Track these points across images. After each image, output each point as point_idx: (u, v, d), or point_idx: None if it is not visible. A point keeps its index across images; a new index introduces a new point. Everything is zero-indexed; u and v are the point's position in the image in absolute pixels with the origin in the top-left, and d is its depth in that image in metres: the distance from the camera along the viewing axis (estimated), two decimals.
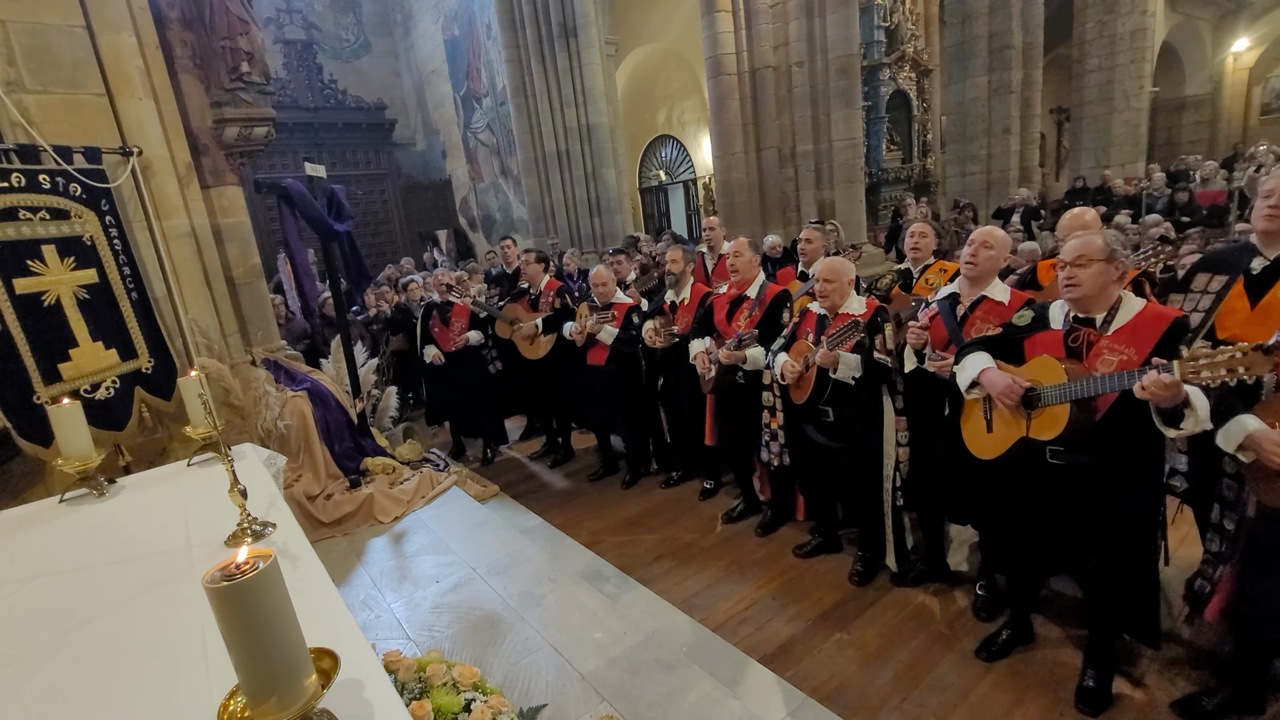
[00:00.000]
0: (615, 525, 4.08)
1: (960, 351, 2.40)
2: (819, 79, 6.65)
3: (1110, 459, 2.06)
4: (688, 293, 4.09)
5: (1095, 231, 2.13)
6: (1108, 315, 2.08)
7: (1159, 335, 1.97)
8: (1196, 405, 1.79)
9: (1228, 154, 12.47)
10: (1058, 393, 2.03)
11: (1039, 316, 2.27)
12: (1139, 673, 2.42)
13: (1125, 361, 1.98)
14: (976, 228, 7.87)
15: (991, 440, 2.27)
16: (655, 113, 14.53)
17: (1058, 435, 2.04)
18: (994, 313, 2.60)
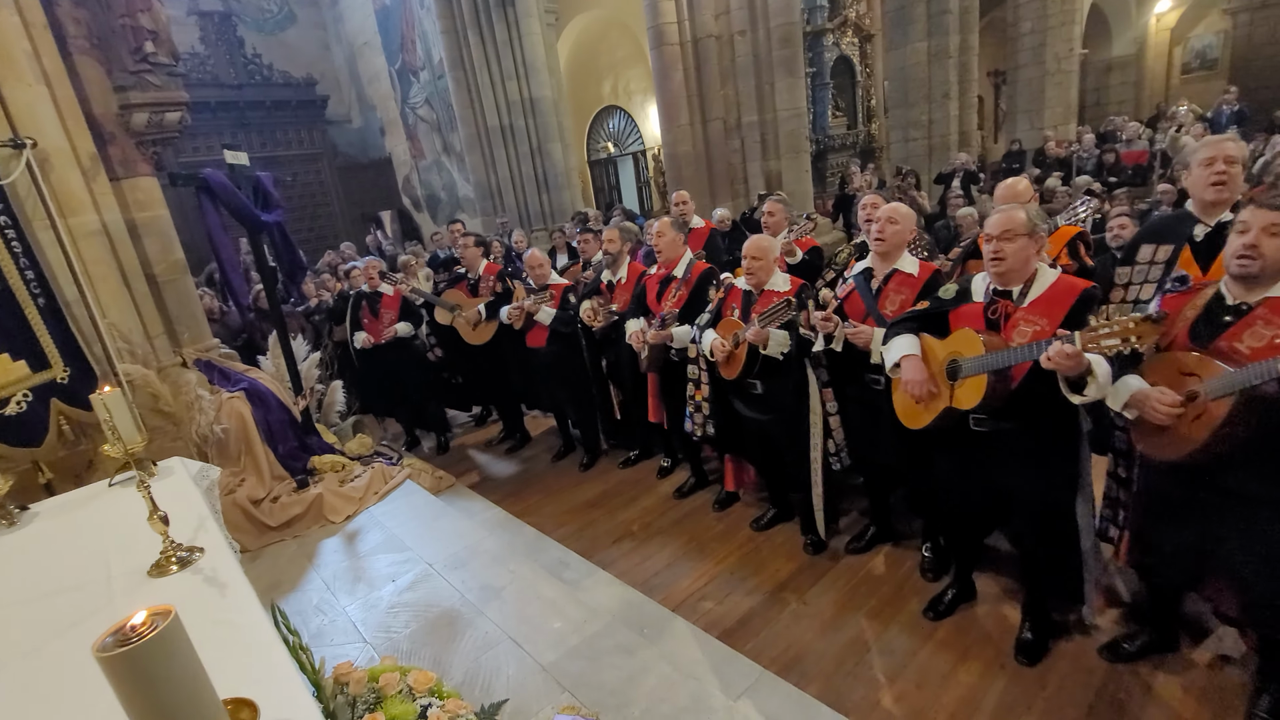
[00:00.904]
0: (575, 509, 4.08)
1: (888, 331, 2.48)
2: (761, 48, 6.58)
3: (1028, 424, 2.17)
4: (624, 272, 4.07)
5: (1018, 206, 2.18)
6: (1024, 288, 2.16)
7: (1070, 306, 2.06)
8: (1099, 372, 1.90)
9: (1151, 114, 12.99)
10: (976, 364, 2.12)
11: (963, 290, 2.35)
12: (1072, 622, 2.56)
13: (1039, 332, 2.07)
14: (919, 194, 7.97)
15: (920, 411, 2.36)
16: (600, 83, 14.22)
17: (978, 404, 2.13)
18: (905, 284, 2.71)
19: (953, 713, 2.27)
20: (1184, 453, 1.84)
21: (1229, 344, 1.81)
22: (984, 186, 8.99)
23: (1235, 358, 1.77)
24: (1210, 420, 1.76)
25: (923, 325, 2.39)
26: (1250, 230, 1.75)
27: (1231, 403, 1.72)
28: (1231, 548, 1.88)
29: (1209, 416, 1.77)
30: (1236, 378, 1.70)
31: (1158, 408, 1.84)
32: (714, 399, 3.40)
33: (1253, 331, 1.77)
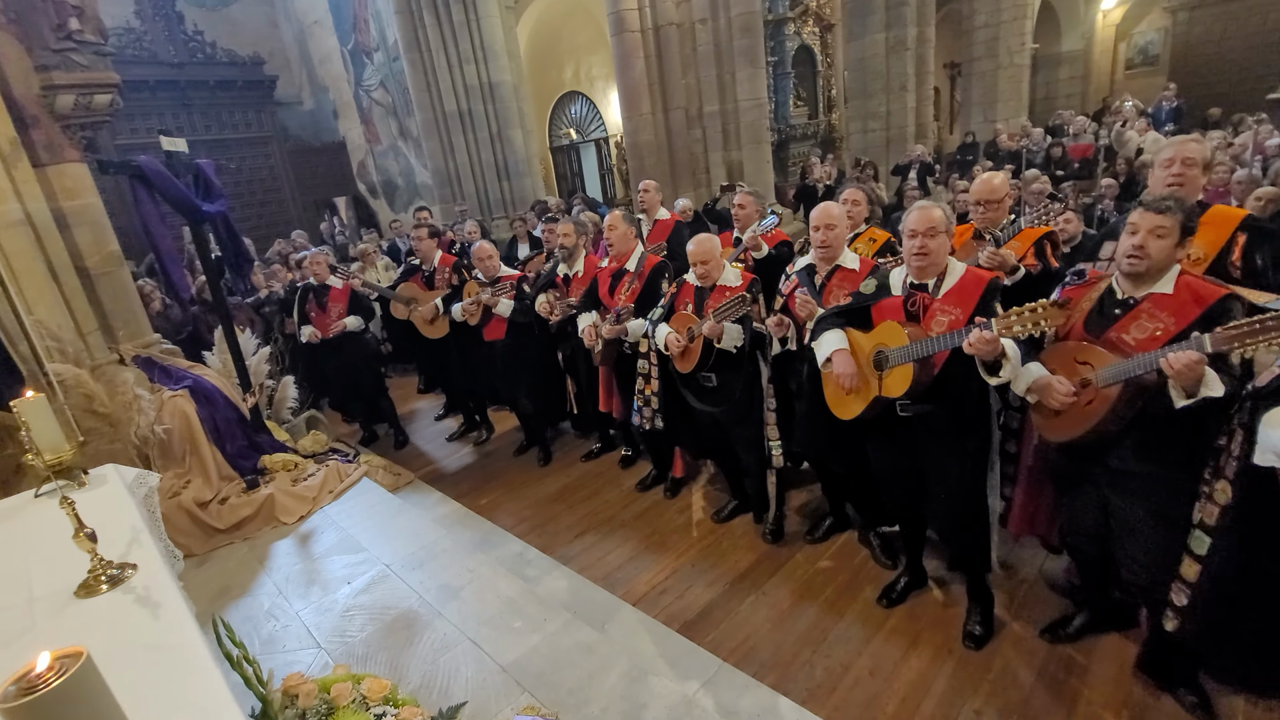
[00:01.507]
0: (537, 503, 4.05)
1: (816, 327, 2.54)
2: (722, 37, 6.55)
3: (949, 406, 2.30)
4: (581, 265, 4.04)
5: (936, 205, 2.27)
6: (938, 280, 2.28)
7: (979, 295, 2.19)
8: (1011, 355, 2.05)
9: (1097, 107, 13.44)
10: (901, 353, 2.23)
11: (882, 285, 2.44)
12: (1016, 605, 2.67)
13: (954, 321, 2.19)
14: (877, 186, 8.07)
15: (851, 401, 2.45)
16: (562, 68, 14.00)
17: (906, 390, 2.23)
18: (848, 280, 2.78)
19: (904, 698, 2.34)
20: (1077, 434, 2.00)
21: (1118, 335, 1.96)
22: (939, 178, 9.20)
23: (1123, 348, 1.92)
24: (1100, 405, 1.91)
25: (848, 320, 2.49)
26: (1139, 232, 1.89)
27: (1118, 390, 1.87)
28: (1121, 523, 2.07)
29: (1099, 402, 1.92)
30: (1123, 368, 1.84)
31: (1055, 394, 1.99)
32: (664, 392, 3.42)
33: (1138, 324, 1.92)
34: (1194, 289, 1.88)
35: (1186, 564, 1.91)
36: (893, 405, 2.35)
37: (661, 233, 4.56)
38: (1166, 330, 1.87)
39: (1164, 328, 1.88)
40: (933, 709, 2.28)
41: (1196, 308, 1.84)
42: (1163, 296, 1.91)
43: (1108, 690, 2.26)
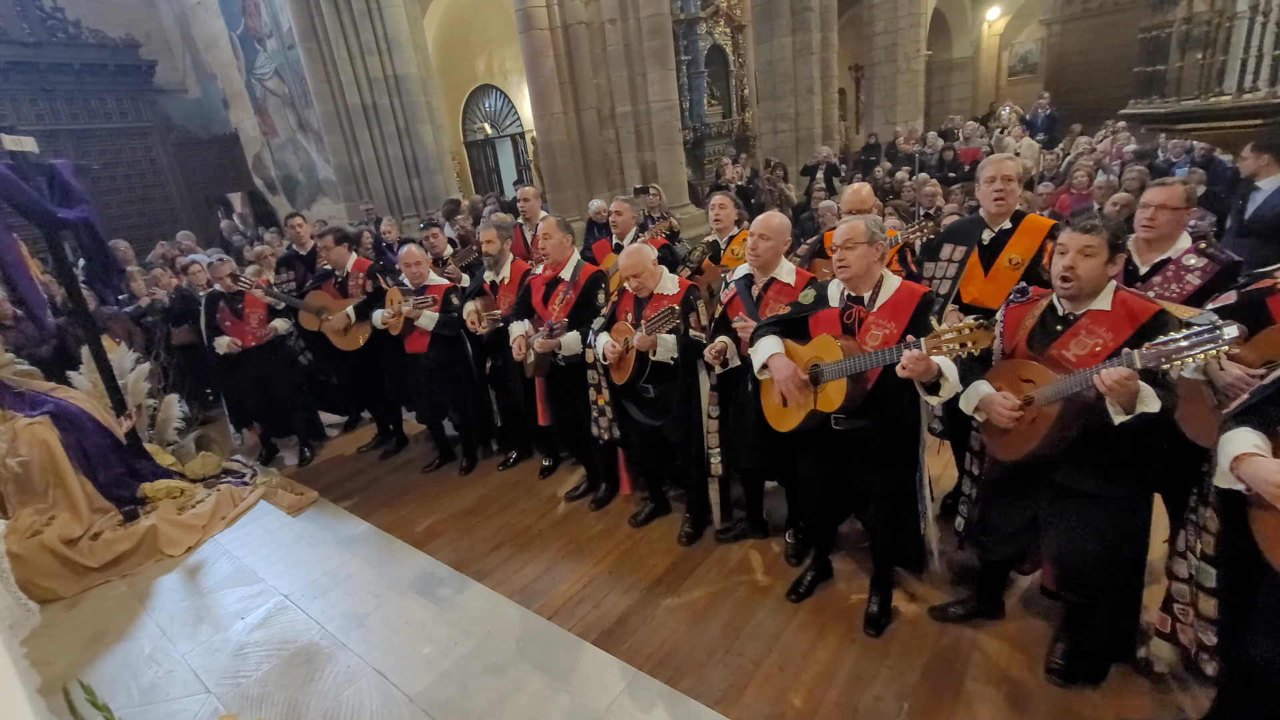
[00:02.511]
0: (452, 517, 3.94)
1: (754, 334, 2.56)
2: (632, 38, 6.56)
3: (882, 421, 2.35)
4: (508, 271, 3.94)
5: (859, 216, 2.33)
6: (873, 293, 2.33)
7: (912, 309, 2.25)
8: (948, 374, 2.09)
9: (985, 111, 14.46)
10: (836, 368, 2.26)
11: (820, 296, 2.49)
12: (913, 592, 2.83)
13: (888, 335, 2.24)
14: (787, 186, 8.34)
15: (787, 414, 2.49)
16: (474, 60, 13.60)
17: (839, 406, 2.27)
18: (783, 293, 2.81)
19: (810, 689, 2.44)
20: (1023, 452, 2.04)
21: (1059, 352, 2.01)
22: (845, 178, 9.62)
23: (1064, 365, 1.98)
24: (1043, 423, 1.96)
25: (785, 330, 2.51)
26: (1068, 252, 1.94)
27: (1059, 407, 1.92)
28: (1054, 531, 2.13)
29: (1042, 419, 1.97)
30: (1062, 385, 1.89)
31: (1000, 412, 2.03)
32: (612, 403, 3.39)
33: (1078, 340, 1.98)
34: (1130, 305, 1.93)
35: (1203, 600, 1.87)
36: (828, 419, 2.37)
37: None
38: (1105, 346, 1.92)
39: (1103, 343, 1.92)
40: (837, 697, 2.39)
41: (1131, 324, 1.89)
42: (1101, 313, 1.96)
43: (991, 667, 2.44)
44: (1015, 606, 2.68)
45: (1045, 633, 2.51)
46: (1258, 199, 3.87)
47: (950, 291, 2.90)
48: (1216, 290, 2.32)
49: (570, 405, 3.68)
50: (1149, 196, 2.46)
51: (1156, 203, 2.42)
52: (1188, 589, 1.92)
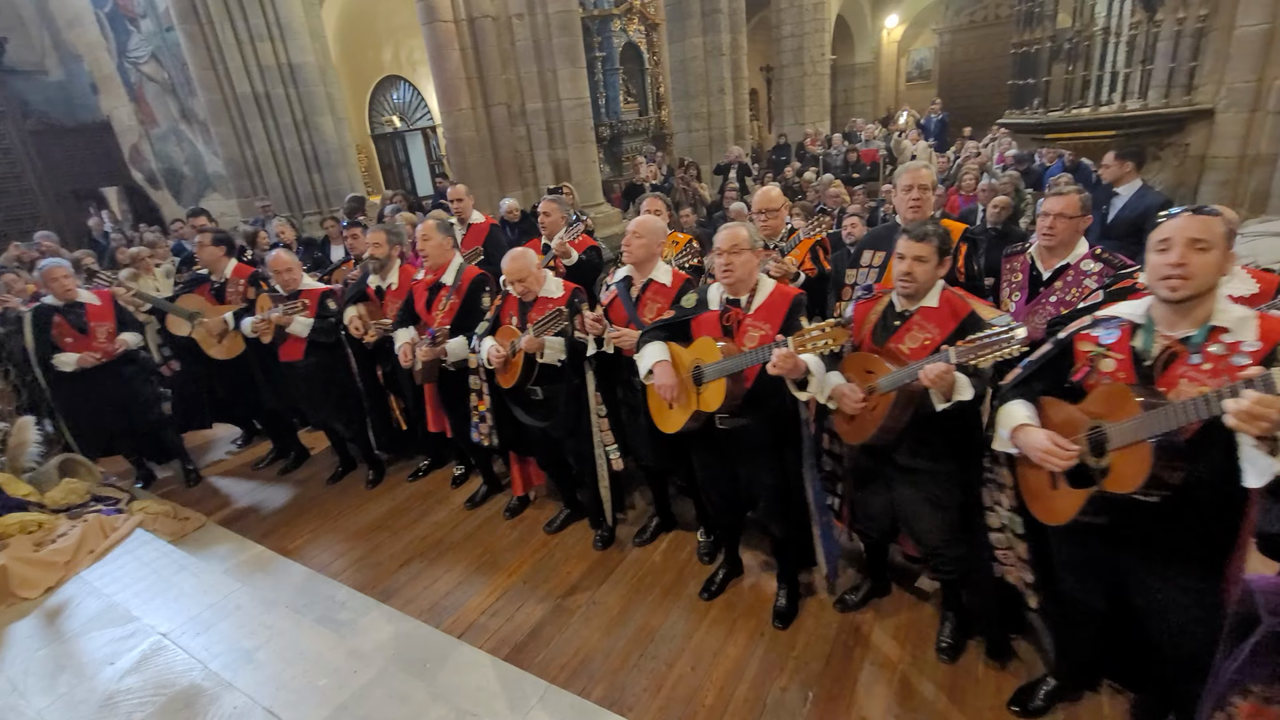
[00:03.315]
0: (356, 534, 3.75)
1: (640, 340, 2.61)
2: (541, 33, 6.44)
3: (762, 418, 2.46)
4: (395, 277, 3.78)
5: (741, 224, 2.42)
6: (750, 296, 2.42)
7: (786, 310, 2.37)
8: (815, 370, 2.22)
9: (885, 114, 15.24)
10: (715, 369, 2.34)
11: (701, 299, 2.56)
12: (817, 584, 2.94)
13: (765, 335, 2.34)
14: (700, 185, 8.45)
15: (673, 415, 2.54)
16: (379, 50, 13.00)
17: (721, 404, 2.34)
18: (660, 293, 2.87)
19: (721, 686, 2.48)
20: (868, 436, 2.21)
21: (895, 345, 2.20)
22: (757, 177, 9.88)
23: (900, 357, 2.16)
24: (882, 410, 2.14)
25: (671, 334, 2.57)
26: (906, 258, 2.12)
27: (895, 395, 2.10)
28: (903, 506, 2.35)
29: (882, 407, 2.15)
30: (896, 376, 2.07)
31: (847, 400, 2.19)
32: (496, 408, 3.35)
33: (911, 335, 2.17)
34: (952, 303, 2.14)
35: (1018, 545, 2.08)
36: (712, 418, 2.45)
37: (476, 238, 4.40)
38: (933, 339, 2.11)
39: (931, 337, 2.12)
40: (746, 693, 2.45)
41: (953, 320, 2.11)
42: (930, 310, 2.16)
43: (887, 649, 2.57)
44: (910, 590, 2.84)
45: (935, 612, 2.67)
46: (1118, 204, 4.27)
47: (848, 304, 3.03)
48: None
49: (462, 409, 3.61)
50: (1047, 205, 2.66)
51: (1055, 211, 2.62)
52: (1004, 536, 2.15)
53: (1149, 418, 1.49)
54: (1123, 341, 1.68)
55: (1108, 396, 1.63)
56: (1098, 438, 1.63)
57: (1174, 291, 1.52)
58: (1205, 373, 1.52)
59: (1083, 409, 1.70)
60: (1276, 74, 4.23)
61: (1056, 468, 1.68)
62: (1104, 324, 1.73)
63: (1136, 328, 1.67)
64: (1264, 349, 1.47)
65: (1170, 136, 4.76)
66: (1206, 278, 1.50)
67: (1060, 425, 1.74)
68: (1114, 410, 1.60)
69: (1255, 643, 0.60)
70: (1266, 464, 1.36)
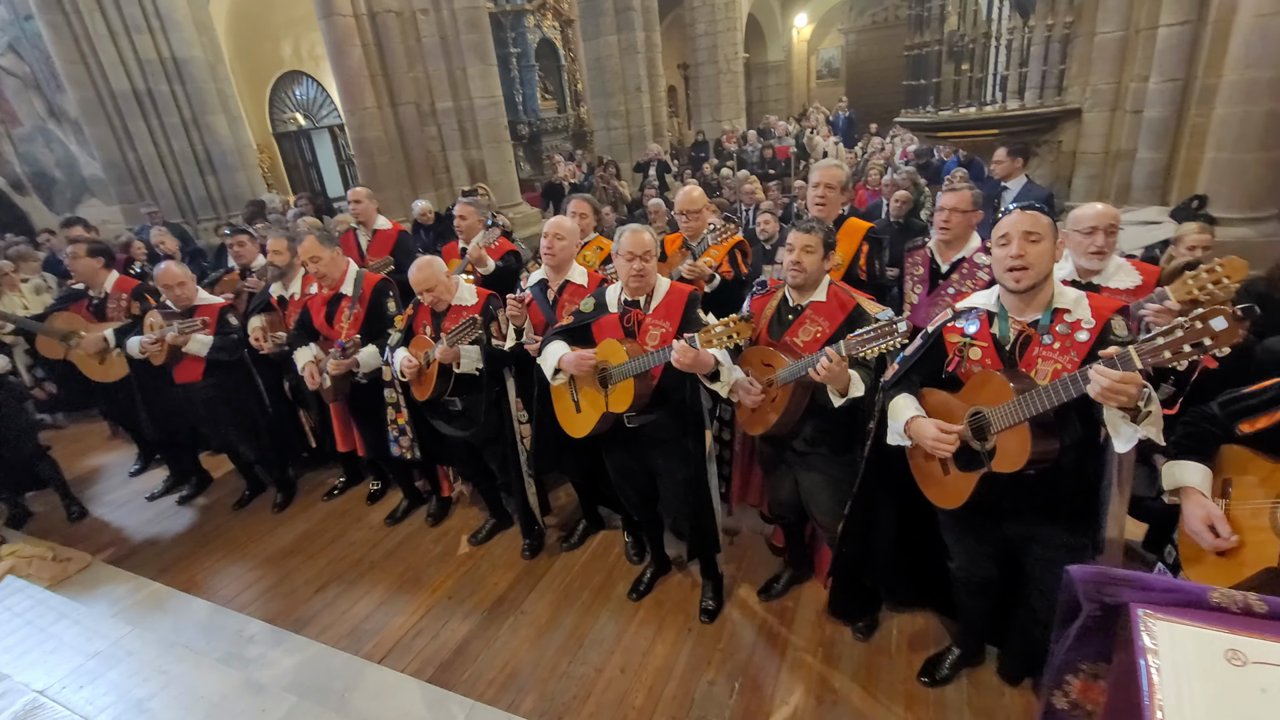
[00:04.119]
0: (266, 561, 3.54)
1: (541, 345, 2.60)
2: (448, 29, 6.24)
3: (669, 414, 2.51)
4: (299, 286, 3.59)
5: (646, 229, 2.42)
6: (648, 296, 2.46)
7: (683, 307, 2.41)
8: (725, 362, 2.27)
9: (798, 112, 15.75)
10: (622, 370, 2.36)
11: (600, 302, 2.56)
12: (743, 572, 3.00)
13: (665, 334, 2.38)
14: (620, 184, 8.46)
15: (582, 419, 2.56)
16: (278, 44, 12.26)
17: (630, 404, 2.37)
18: (577, 294, 2.85)
19: (651, 686, 2.50)
20: (768, 427, 2.29)
21: (790, 338, 2.28)
22: (677, 174, 9.99)
23: (795, 350, 2.25)
24: (781, 401, 2.23)
25: (571, 339, 2.56)
26: (794, 250, 2.20)
27: (791, 387, 2.18)
28: (805, 491, 2.46)
29: (780, 399, 2.23)
30: (792, 369, 2.15)
31: (747, 394, 2.26)
32: (415, 419, 3.25)
33: (804, 328, 2.27)
34: (840, 297, 2.26)
35: None
36: (621, 417, 2.47)
37: (384, 244, 4.23)
38: (824, 332, 2.21)
39: (822, 330, 2.22)
40: (675, 690, 2.47)
41: (841, 313, 2.22)
42: (819, 303, 2.26)
43: (808, 633, 2.66)
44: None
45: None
46: (1008, 198, 4.56)
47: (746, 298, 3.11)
48: None
49: (380, 423, 3.48)
50: (943, 201, 2.81)
51: (950, 206, 2.76)
52: None
53: (1024, 400, 1.61)
54: (984, 330, 1.82)
55: (983, 383, 1.76)
56: (979, 422, 1.75)
57: (1018, 283, 1.69)
58: (1056, 351, 1.69)
59: (961, 396, 1.82)
60: (1132, 77, 4.67)
61: (945, 453, 1.80)
62: (966, 315, 1.88)
63: (993, 316, 1.82)
64: (1099, 324, 1.65)
65: (1046, 134, 5.18)
66: (1042, 266, 1.67)
67: (942, 414, 1.86)
68: (990, 395, 1.72)
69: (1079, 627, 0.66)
70: (1131, 431, 1.51)
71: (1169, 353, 1.35)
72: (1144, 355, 1.39)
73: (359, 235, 4.46)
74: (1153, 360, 1.38)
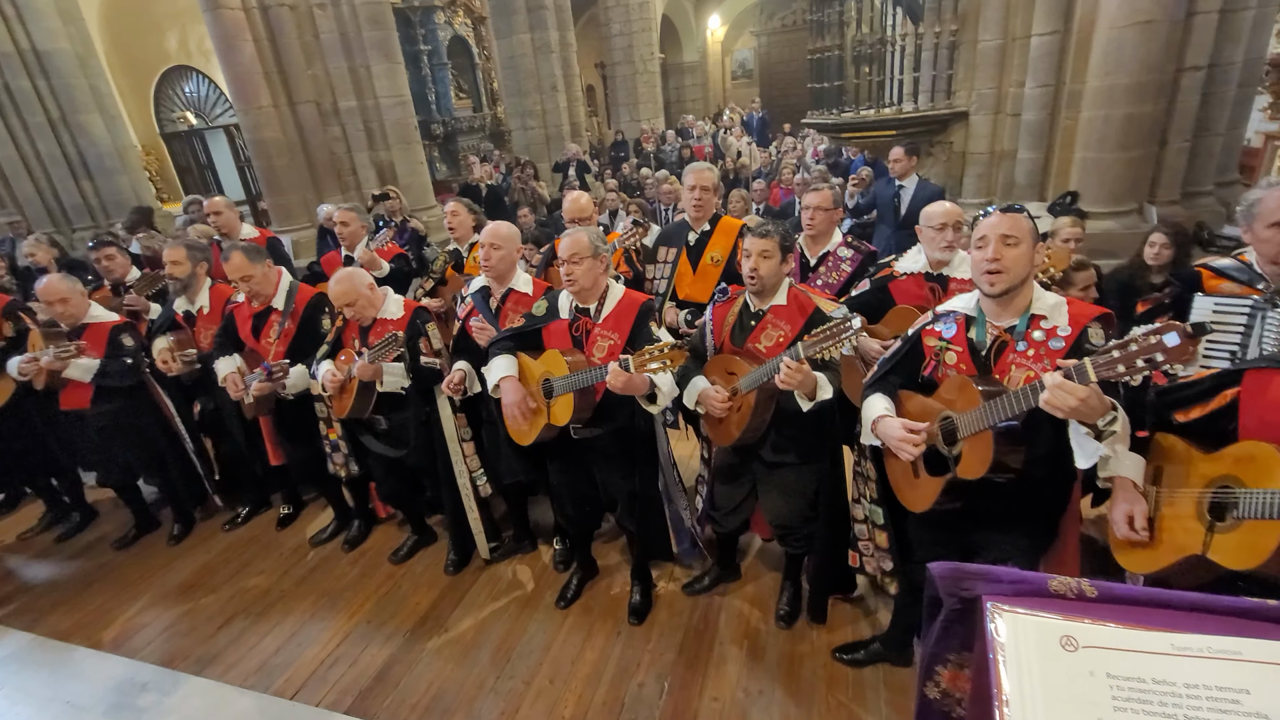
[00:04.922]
0: (162, 599, 3.27)
1: (488, 351, 2.51)
2: (349, 25, 5.95)
3: (615, 429, 2.47)
4: (206, 298, 3.34)
5: (582, 230, 2.37)
6: (599, 305, 2.40)
7: (634, 318, 2.36)
8: (662, 385, 2.25)
9: (715, 111, 16.07)
10: (563, 383, 2.32)
11: (552, 307, 2.51)
12: (670, 577, 3.03)
13: (614, 345, 2.34)
14: (539, 185, 8.36)
15: (527, 430, 2.49)
16: (161, 37, 11.37)
17: (570, 418, 2.32)
18: (521, 302, 2.79)
19: (580, 694, 2.48)
20: (735, 437, 2.25)
21: (753, 344, 2.26)
22: (597, 174, 9.97)
23: (759, 356, 2.22)
24: (746, 409, 2.19)
25: (520, 343, 2.49)
26: (751, 255, 2.18)
27: (756, 394, 2.15)
28: (767, 498, 2.47)
29: (745, 407, 2.20)
30: (755, 375, 2.12)
31: (713, 404, 2.23)
32: (350, 435, 3.11)
33: (766, 333, 2.25)
34: (799, 300, 2.22)
35: (879, 535, 2.19)
36: (567, 430, 2.41)
37: None
38: (786, 336, 2.18)
39: (784, 334, 2.19)
40: (604, 696, 2.46)
41: (802, 316, 2.18)
42: (780, 307, 2.23)
43: (735, 626, 2.71)
44: (752, 566, 3.02)
45: (775, 586, 2.86)
46: (906, 195, 4.82)
47: (667, 290, 3.16)
48: (864, 275, 2.84)
49: (308, 439, 3.30)
50: (806, 200, 2.94)
51: (813, 205, 2.90)
52: (866, 528, 2.31)
53: (988, 408, 1.57)
54: (960, 334, 1.80)
55: (955, 388, 1.73)
56: (949, 427, 1.70)
57: (992, 286, 1.65)
58: (1030, 358, 1.65)
59: (935, 399, 1.79)
60: (1011, 82, 5.05)
61: (910, 454, 1.75)
62: (944, 319, 1.85)
63: (970, 321, 1.79)
64: (1074, 332, 1.62)
65: (939, 135, 5.53)
66: (1019, 270, 1.63)
67: (917, 415, 1.82)
68: (960, 401, 1.69)
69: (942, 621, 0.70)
70: (1093, 448, 1.50)
71: (1123, 366, 1.33)
72: (1099, 368, 1.37)
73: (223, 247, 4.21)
74: (1108, 373, 1.35)
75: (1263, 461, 1.33)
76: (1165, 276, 3.20)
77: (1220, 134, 4.67)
